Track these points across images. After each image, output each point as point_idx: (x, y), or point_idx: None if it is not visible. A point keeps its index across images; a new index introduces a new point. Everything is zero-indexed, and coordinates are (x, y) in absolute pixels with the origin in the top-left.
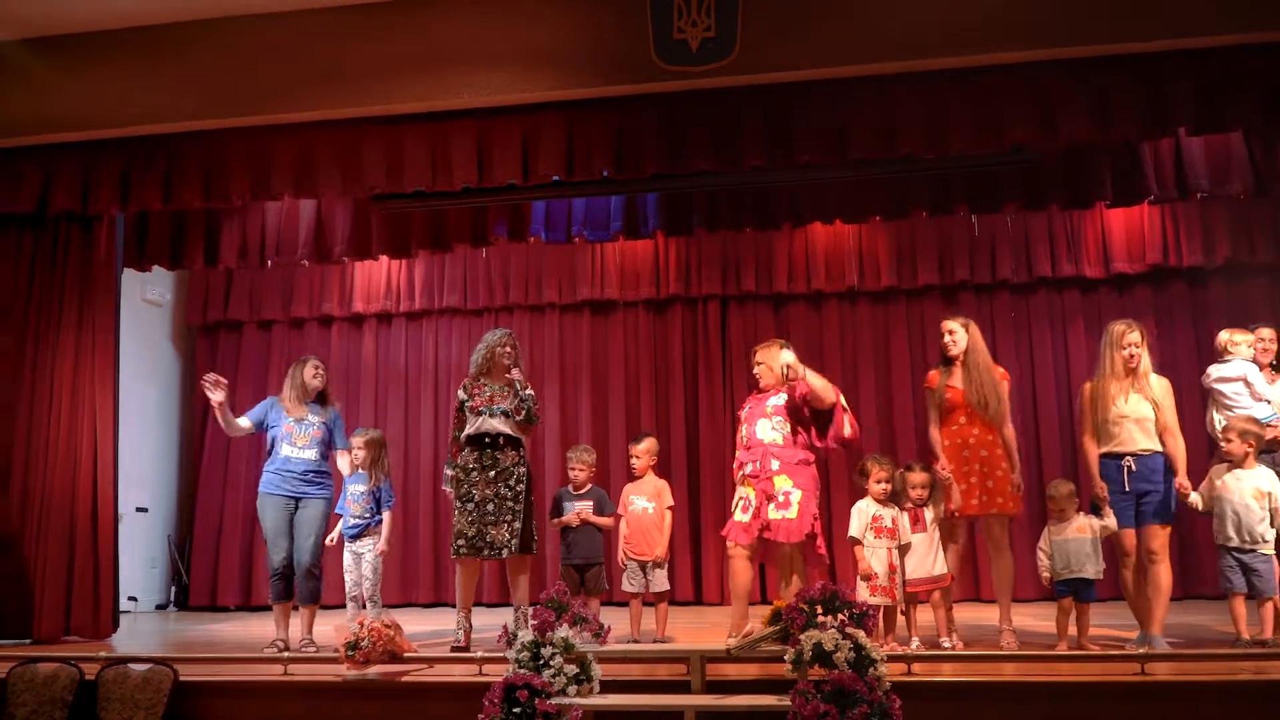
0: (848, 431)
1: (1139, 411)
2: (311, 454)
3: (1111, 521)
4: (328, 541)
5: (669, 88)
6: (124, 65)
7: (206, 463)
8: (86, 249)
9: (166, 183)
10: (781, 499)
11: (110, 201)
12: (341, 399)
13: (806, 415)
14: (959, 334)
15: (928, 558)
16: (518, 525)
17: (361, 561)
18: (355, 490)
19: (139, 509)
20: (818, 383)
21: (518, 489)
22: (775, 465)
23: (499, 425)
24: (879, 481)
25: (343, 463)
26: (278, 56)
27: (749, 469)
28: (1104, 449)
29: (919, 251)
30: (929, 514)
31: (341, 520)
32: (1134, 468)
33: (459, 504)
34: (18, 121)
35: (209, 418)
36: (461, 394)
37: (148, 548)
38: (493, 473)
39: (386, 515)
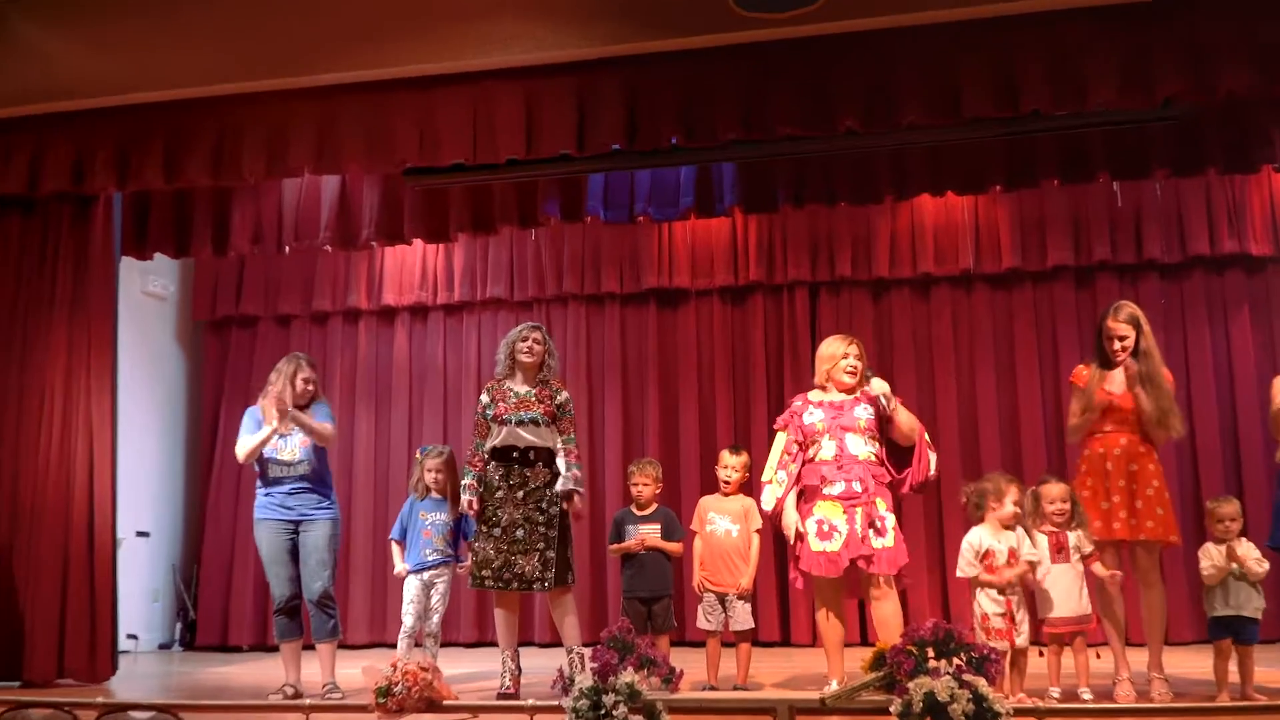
0: (932, 472)
1: None
2: (304, 466)
3: (1264, 566)
4: (396, 573)
5: (748, 38)
6: (124, 27)
7: (217, 479)
8: (80, 234)
9: (170, 157)
10: (879, 524)
11: (107, 180)
12: (371, 404)
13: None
14: (1131, 339)
15: (1072, 592)
16: (551, 554)
17: (433, 593)
18: (435, 520)
19: (140, 533)
20: (906, 420)
21: (551, 512)
22: (873, 485)
23: (528, 436)
24: (1009, 505)
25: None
26: (296, 12)
27: (839, 488)
28: None
29: (1049, 227)
30: (1073, 538)
31: (407, 552)
32: None
33: (483, 528)
34: (6, 91)
35: (220, 427)
36: (484, 398)
37: (150, 578)
38: (521, 493)
39: (469, 553)
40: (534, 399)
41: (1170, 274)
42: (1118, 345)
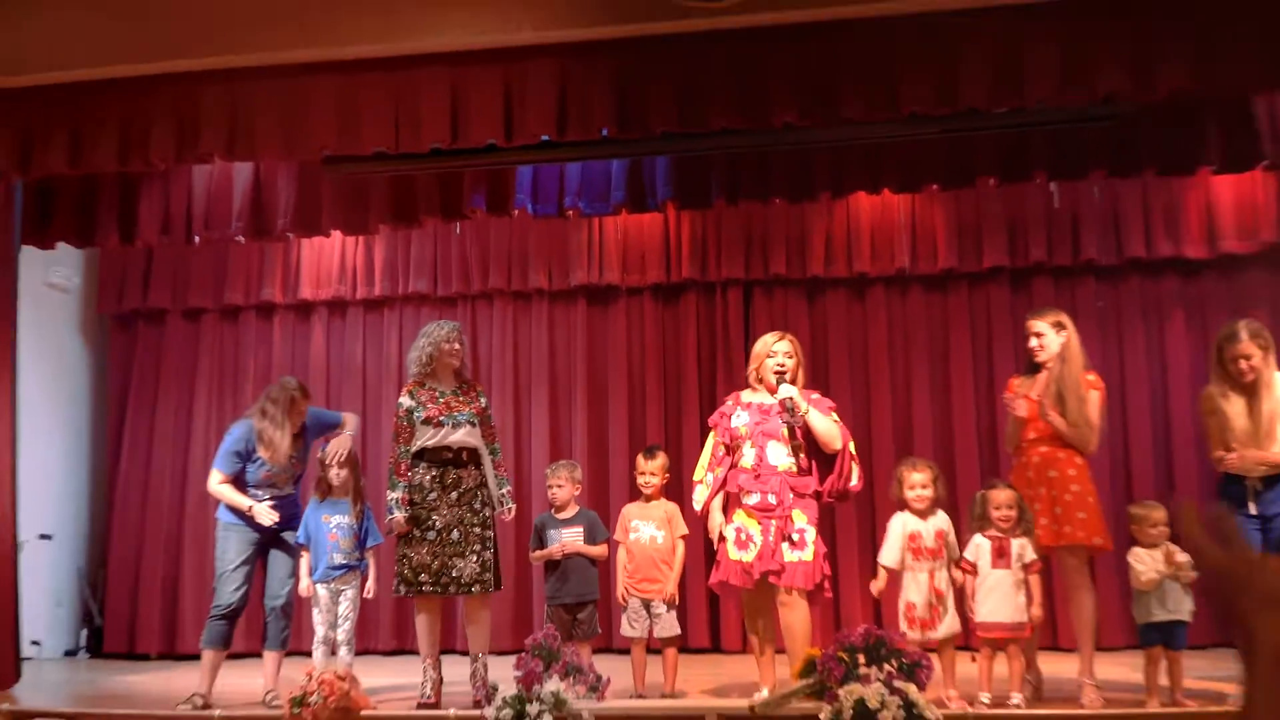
0: (855, 482)
1: (1264, 426)
2: (291, 490)
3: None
4: (301, 591)
5: (684, 28)
6: (22, 3)
7: (124, 480)
8: None
9: (74, 141)
10: (797, 538)
11: (8, 165)
12: None
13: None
14: (1049, 337)
15: (1010, 598)
16: (489, 555)
17: (342, 598)
18: (340, 523)
19: (42, 536)
20: (821, 425)
21: (484, 514)
22: (791, 498)
23: (462, 437)
24: (912, 489)
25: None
26: None
27: (754, 499)
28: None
29: (985, 228)
30: (1015, 545)
31: (312, 558)
32: (1260, 488)
33: (416, 531)
34: None
35: (126, 424)
36: (407, 401)
37: (53, 582)
38: (455, 494)
39: (371, 558)
40: (462, 399)
41: (1106, 276)
42: (1034, 343)
